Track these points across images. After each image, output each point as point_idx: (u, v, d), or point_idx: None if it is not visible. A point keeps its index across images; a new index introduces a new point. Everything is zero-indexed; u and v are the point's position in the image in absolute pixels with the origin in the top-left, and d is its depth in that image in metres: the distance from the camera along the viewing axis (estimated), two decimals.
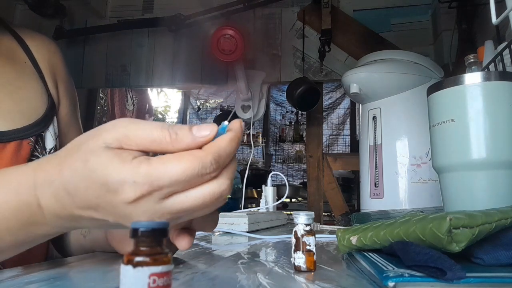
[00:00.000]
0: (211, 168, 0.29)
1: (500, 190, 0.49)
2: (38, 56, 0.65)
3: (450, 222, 0.31)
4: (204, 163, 0.28)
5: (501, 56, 0.65)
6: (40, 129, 0.59)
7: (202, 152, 0.29)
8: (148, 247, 0.21)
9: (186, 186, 0.29)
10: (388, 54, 1.14)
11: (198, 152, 0.29)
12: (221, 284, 0.34)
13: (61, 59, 0.70)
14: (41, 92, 0.62)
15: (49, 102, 0.62)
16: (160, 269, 0.20)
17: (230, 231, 0.81)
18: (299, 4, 1.91)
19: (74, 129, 0.70)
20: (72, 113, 0.70)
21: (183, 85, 2.09)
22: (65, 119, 0.68)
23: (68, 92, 0.69)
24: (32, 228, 0.34)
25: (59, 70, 0.68)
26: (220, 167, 0.30)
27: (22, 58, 0.63)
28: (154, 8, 2.04)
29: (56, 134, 0.63)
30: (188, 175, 0.28)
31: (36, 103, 0.60)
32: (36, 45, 0.66)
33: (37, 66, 0.64)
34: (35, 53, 0.65)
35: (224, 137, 0.30)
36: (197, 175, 0.28)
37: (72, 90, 0.71)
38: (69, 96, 0.70)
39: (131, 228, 0.21)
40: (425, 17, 1.79)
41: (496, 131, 0.49)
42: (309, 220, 0.39)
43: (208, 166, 0.29)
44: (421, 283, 0.28)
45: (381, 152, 1.04)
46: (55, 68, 0.67)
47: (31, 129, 0.57)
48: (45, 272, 0.38)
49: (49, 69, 0.66)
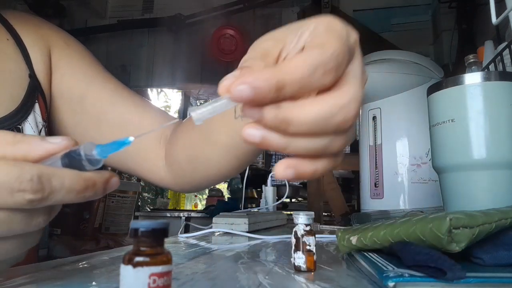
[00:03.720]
0: (27, 184, 0.23)
1: (500, 190, 0.49)
2: (22, 32, 0.57)
3: (450, 222, 0.31)
4: (20, 175, 0.23)
5: (501, 56, 0.65)
6: (16, 121, 0.51)
7: (24, 163, 0.23)
8: (148, 247, 0.21)
9: None
10: (388, 54, 1.14)
11: (20, 162, 0.24)
12: (221, 284, 0.34)
13: (53, 27, 0.61)
14: (20, 75, 0.54)
15: (28, 87, 0.54)
16: (160, 269, 0.20)
17: (230, 231, 0.81)
18: (299, 4, 1.91)
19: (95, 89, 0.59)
20: (75, 69, 0.60)
21: (183, 85, 2.09)
22: (63, 80, 0.59)
23: (65, 49, 0.60)
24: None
25: (51, 35, 0.60)
26: (43, 189, 0.23)
27: (4, 35, 0.55)
28: (154, 8, 2.04)
29: (41, 123, 0.55)
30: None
31: (13, 90, 0.53)
32: (20, 22, 0.58)
33: (21, 42, 0.56)
34: (19, 29, 0.57)
35: (72, 173, 0.24)
36: (4, 185, 0.22)
37: (75, 45, 0.62)
38: (67, 53, 0.60)
39: (131, 228, 0.21)
40: (425, 17, 1.79)
41: (496, 131, 0.49)
42: (309, 220, 0.39)
43: (26, 179, 0.23)
44: (421, 283, 0.28)
45: (381, 152, 1.04)
46: (46, 36, 0.59)
47: (4, 122, 0.50)
48: (45, 272, 0.38)
49: (37, 39, 0.58)
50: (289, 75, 0.22)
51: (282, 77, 0.22)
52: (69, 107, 0.59)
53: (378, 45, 1.65)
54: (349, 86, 0.24)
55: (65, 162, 0.25)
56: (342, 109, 0.23)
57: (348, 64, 0.24)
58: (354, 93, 0.24)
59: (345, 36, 0.24)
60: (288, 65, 0.22)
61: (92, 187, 0.25)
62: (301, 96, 0.23)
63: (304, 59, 0.22)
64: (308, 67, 0.22)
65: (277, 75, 0.22)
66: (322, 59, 0.22)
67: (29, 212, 0.24)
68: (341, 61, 0.23)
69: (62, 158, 0.25)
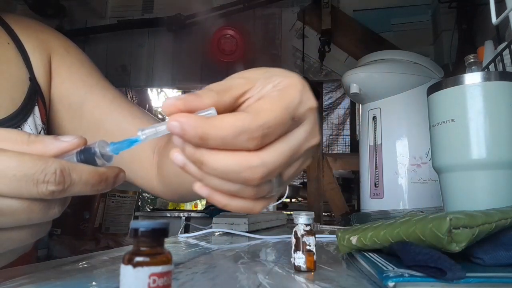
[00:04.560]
0: (51, 176, 0.25)
1: (500, 190, 0.49)
2: (23, 36, 0.58)
3: (450, 222, 0.31)
4: (45, 168, 0.25)
5: (501, 56, 0.65)
6: (15, 124, 0.52)
7: (48, 157, 0.26)
8: (148, 247, 0.21)
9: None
10: (388, 54, 1.14)
11: (45, 156, 0.26)
12: (221, 284, 0.34)
13: (53, 32, 0.62)
14: (20, 79, 0.56)
15: (28, 90, 0.55)
16: (160, 269, 0.20)
17: (230, 231, 0.81)
18: (299, 4, 1.91)
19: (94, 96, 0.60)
20: (74, 77, 0.61)
21: (183, 85, 2.09)
22: (62, 88, 0.60)
23: (66, 57, 0.61)
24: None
25: (52, 41, 0.61)
26: (64, 181, 0.26)
27: (5, 39, 0.56)
28: (154, 8, 2.04)
29: (40, 125, 0.56)
30: (22, 174, 0.25)
31: (13, 93, 0.54)
32: (21, 26, 0.59)
33: (22, 46, 0.57)
34: (20, 33, 0.58)
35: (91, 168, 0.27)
36: (30, 177, 0.25)
37: (75, 53, 0.63)
38: (67, 60, 0.61)
39: (131, 228, 0.21)
40: (425, 17, 1.79)
41: (496, 131, 0.49)
42: (309, 220, 0.39)
43: (50, 172, 0.25)
44: (421, 283, 0.28)
45: (381, 152, 1.04)
46: (46, 42, 0.60)
47: (3, 124, 0.51)
48: (44, 272, 0.38)
49: (38, 45, 0.59)
50: (214, 132, 0.24)
51: (207, 131, 0.24)
52: (68, 113, 0.60)
53: (378, 45, 1.65)
54: (268, 152, 0.25)
55: (80, 158, 0.27)
56: (249, 170, 0.25)
57: (287, 131, 0.26)
58: (269, 160, 0.25)
59: (296, 105, 0.26)
60: (216, 122, 0.24)
61: (105, 180, 0.27)
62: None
63: (233, 122, 0.24)
64: (233, 130, 0.24)
65: (204, 127, 0.24)
66: (248, 127, 0.24)
67: (47, 202, 0.27)
68: (272, 131, 0.25)
69: (77, 154, 0.27)
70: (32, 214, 0.26)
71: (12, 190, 0.25)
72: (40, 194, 0.25)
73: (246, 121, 0.24)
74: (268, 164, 0.25)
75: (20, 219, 0.27)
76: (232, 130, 0.24)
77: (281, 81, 0.28)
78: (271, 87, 0.27)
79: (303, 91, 0.27)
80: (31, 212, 0.26)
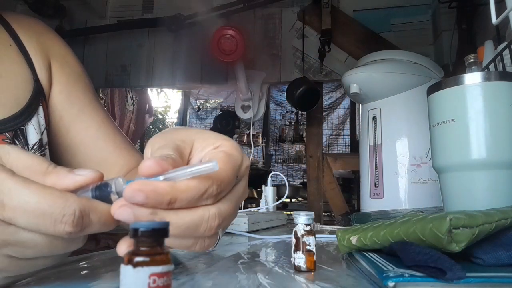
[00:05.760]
0: (69, 218, 0.25)
1: (500, 190, 0.49)
2: (25, 38, 0.59)
3: (450, 222, 0.31)
4: (64, 208, 0.24)
5: (501, 56, 0.65)
6: (19, 123, 0.53)
7: (69, 195, 0.25)
8: (148, 247, 0.21)
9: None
10: (388, 54, 1.14)
11: (65, 193, 0.25)
12: (221, 284, 0.34)
13: (54, 37, 0.63)
14: (25, 79, 0.56)
15: (33, 90, 0.56)
16: (160, 269, 0.20)
17: (230, 231, 0.81)
18: (299, 4, 1.91)
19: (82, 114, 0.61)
20: (71, 90, 0.62)
21: (183, 85, 2.09)
22: (59, 98, 0.61)
23: (64, 68, 0.62)
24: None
25: (51, 47, 0.62)
26: (82, 223, 0.25)
27: (7, 41, 0.57)
28: (154, 8, 2.04)
29: (43, 125, 0.57)
30: (42, 211, 0.24)
31: (18, 92, 0.55)
32: (23, 27, 0.59)
33: (24, 48, 0.58)
34: (22, 35, 0.59)
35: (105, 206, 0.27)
36: (49, 216, 0.24)
37: (73, 65, 0.64)
38: (66, 72, 0.62)
39: (131, 228, 0.21)
40: (425, 17, 1.79)
41: (496, 131, 0.49)
42: (309, 220, 0.39)
43: (68, 213, 0.25)
44: (421, 283, 0.28)
45: (381, 152, 1.04)
46: (46, 47, 0.61)
47: (8, 123, 0.52)
48: (45, 272, 0.38)
49: (39, 49, 0.60)
50: (183, 196, 0.26)
51: (176, 195, 0.26)
52: (57, 126, 0.61)
53: (378, 45, 1.65)
54: (223, 204, 0.29)
55: (95, 194, 0.27)
56: (206, 223, 0.28)
57: (232, 187, 0.30)
58: (224, 210, 0.29)
59: (239, 165, 0.31)
60: (183, 187, 0.26)
61: (119, 221, 0.27)
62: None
63: (197, 185, 0.27)
64: (198, 192, 0.26)
65: (172, 193, 0.26)
66: (210, 187, 0.27)
67: (69, 238, 0.26)
68: (224, 188, 0.28)
69: (92, 190, 0.27)
70: (54, 248, 0.26)
71: (32, 225, 0.25)
72: (57, 234, 0.25)
73: (208, 182, 0.27)
74: (223, 214, 0.28)
75: (42, 252, 0.27)
76: (197, 192, 0.26)
77: (222, 144, 0.31)
78: (212, 148, 0.31)
79: (242, 153, 0.32)
80: (53, 247, 0.26)
